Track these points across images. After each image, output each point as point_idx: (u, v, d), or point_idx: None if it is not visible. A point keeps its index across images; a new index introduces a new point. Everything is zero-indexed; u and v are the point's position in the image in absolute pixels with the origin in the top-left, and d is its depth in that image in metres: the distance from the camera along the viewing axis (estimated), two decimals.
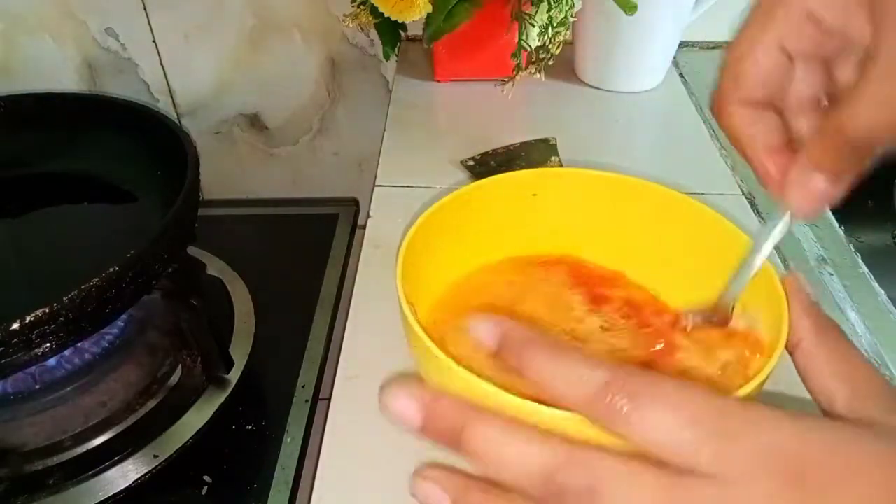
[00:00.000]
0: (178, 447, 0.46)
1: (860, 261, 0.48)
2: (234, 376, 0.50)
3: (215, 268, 0.61)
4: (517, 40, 0.57)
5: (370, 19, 0.60)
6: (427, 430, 0.21)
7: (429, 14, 0.55)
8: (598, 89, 0.68)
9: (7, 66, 0.80)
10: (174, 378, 0.50)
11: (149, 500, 0.44)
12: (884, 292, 0.45)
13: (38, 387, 0.46)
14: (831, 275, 0.47)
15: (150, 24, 0.77)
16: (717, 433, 0.17)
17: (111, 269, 0.38)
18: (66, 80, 0.81)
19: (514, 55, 0.58)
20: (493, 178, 0.39)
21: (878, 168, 0.25)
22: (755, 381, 0.26)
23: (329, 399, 0.38)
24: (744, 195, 0.53)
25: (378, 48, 0.76)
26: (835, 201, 0.25)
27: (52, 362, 0.47)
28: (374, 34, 0.75)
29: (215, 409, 0.48)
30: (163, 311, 0.51)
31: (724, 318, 0.32)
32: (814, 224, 0.51)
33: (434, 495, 0.21)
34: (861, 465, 0.18)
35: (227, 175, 0.89)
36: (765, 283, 0.30)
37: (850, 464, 0.18)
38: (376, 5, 0.56)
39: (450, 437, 0.20)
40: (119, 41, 0.79)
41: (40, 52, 0.79)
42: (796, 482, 0.17)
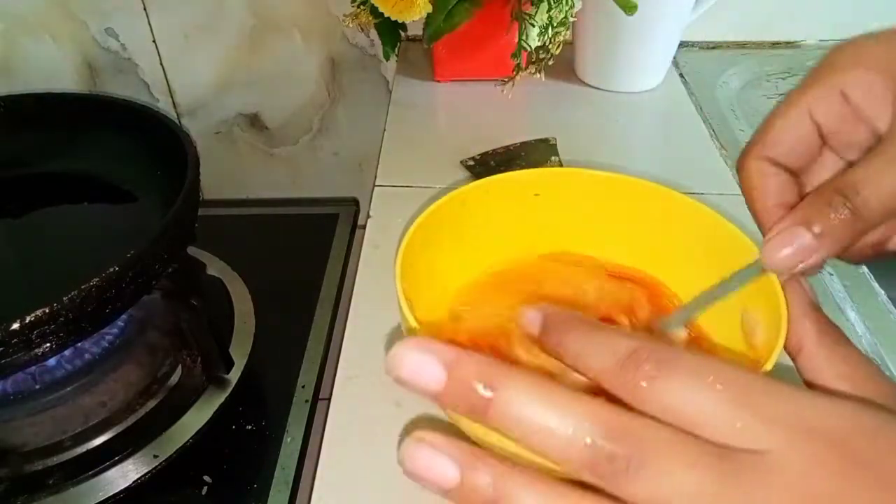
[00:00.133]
0: (178, 447, 0.46)
1: None
2: (234, 376, 0.50)
3: (215, 268, 0.61)
4: (517, 40, 0.57)
5: (370, 19, 0.60)
6: (447, 394, 0.17)
7: (429, 14, 0.55)
8: (598, 89, 0.68)
9: (7, 66, 0.80)
10: (174, 378, 0.50)
11: (149, 500, 0.44)
12: (884, 292, 0.45)
13: (38, 387, 0.46)
14: (831, 275, 0.47)
15: (150, 24, 0.77)
16: (750, 406, 0.17)
17: (111, 269, 0.38)
18: (66, 80, 0.81)
19: (514, 55, 0.58)
20: (494, 178, 0.39)
21: None
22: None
23: (329, 399, 0.38)
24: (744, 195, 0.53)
25: (378, 48, 0.77)
26: (810, 267, 0.25)
27: (52, 362, 0.47)
28: (374, 34, 0.75)
29: (215, 409, 0.48)
30: (163, 311, 0.51)
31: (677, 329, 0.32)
32: None
33: (437, 464, 0.17)
34: None
35: (227, 175, 0.89)
36: (765, 286, 0.30)
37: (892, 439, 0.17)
38: (376, 5, 0.57)
39: (475, 401, 0.17)
40: (119, 41, 0.79)
41: (40, 52, 0.79)
42: (839, 452, 0.17)
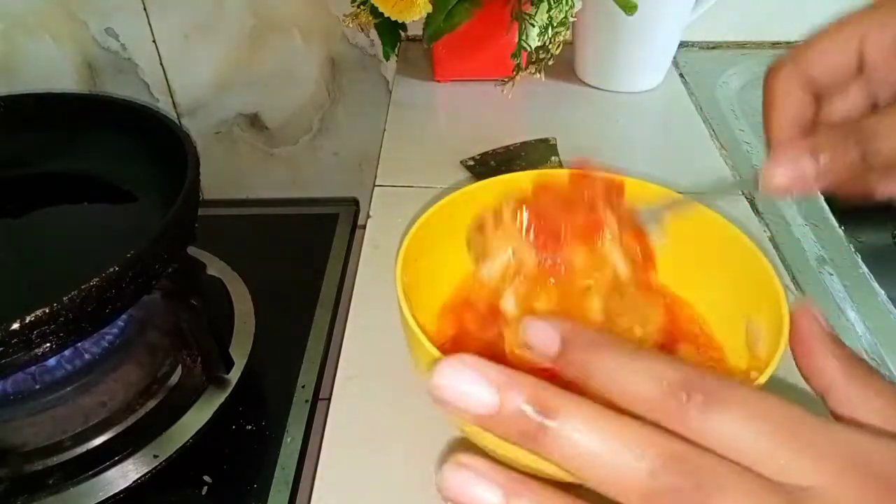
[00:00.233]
0: (178, 447, 0.46)
1: (860, 261, 0.48)
2: (234, 376, 0.50)
3: (215, 268, 0.61)
4: (517, 40, 0.57)
5: (370, 19, 0.60)
6: (497, 420, 0.17)
7: (429, 14, 0.55)
8: (598, 89, 0.68)
9: (7, 66, 0.80)
10: (174, 378, 0.50)
11: (149, 500, 0.44)
12: (884, 292, 0.45)
13: (38, 387, 0.46)
14: (831, 275, 0.46)
15: (150, 24, 0.77)
16: (799, 441, 0.17)
17: (111, 269, 0.38)
18: (66, 80, 0.81)
19: (514, 55, 0.58)
20: (496, 178, 0.39)
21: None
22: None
23: (329, 399, 0.38)
24: (744, 195, 0.53)
25: (378, 48, 0.77)
26: (799, 193, 0.25)
27: (52, 362, 0.47)
28: (374, 34, 0.75)
29: (215, 409, 0.48)
30: (163, 311, 0.51)
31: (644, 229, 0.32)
32: (814, 224, 0.51)
33: (480, 491, 0.17)
34: None
35: (227, 175, 0.89)
36: (770, 299, 0.30)
37: None
38: (376, 5, 0.57)
39: (528, 428, 0.17)
40: (119, 41, 0.79)
41: (40, 52, 0.79)
42: (885, 486, 0.16)
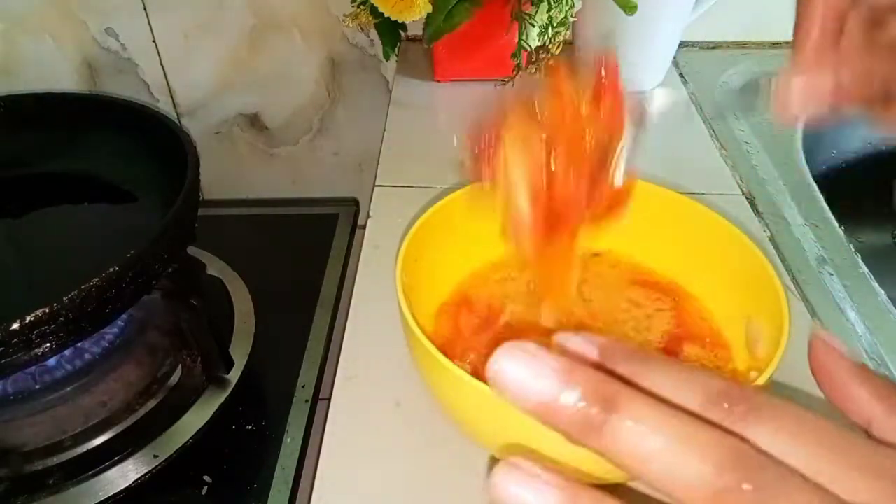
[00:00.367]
0: (178, 447, 0.46)
1: (860, 261, 0.48)
2: (234, 376, 0.50)
3: (215, 268, 0.61)
4: (517, 40, 0.57)
5: (370, 19, 0.60)
6: (556, 409, 0.18)
7: (429, 14, 0.55)
8: None
9: (7, 66, 0.80)
10: (174, 378, 0.50)
11: (149, 500, 0.44)
12: (884, 292, 0.45)
13: (38, 387, 0.46)
14: (831, 275, 0.46)
15: (150, 24, 0.77)
16: (847, 457, 0.16)
17: (111, 269, 0.38)
18: (66, 80, 0.81)
19: (514, 55, 0.58)
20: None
21: (878, 168, 0.25)
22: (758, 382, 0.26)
23: (329, 399, 0.38)
24: (744, 195, 0.53)
25: (378, 48, 0.76)
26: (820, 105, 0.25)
27: (52, 362, 0.47)
28: (374, 34, 0.75)
29: (215, 409, 0.48)
30: (163, 311, 0.51)
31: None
32: (814, 224, 0.51)
33: (533, 494, 0.17)
34: None
35: (227, 175, 0.89)
36: (770, 301, 0.30)
37: None
38: (376, 5, 0.57)
39: (589, 419, 0.17)
40: (119, 41, 0.79)
41: (40, 52, 0.79)
42: None
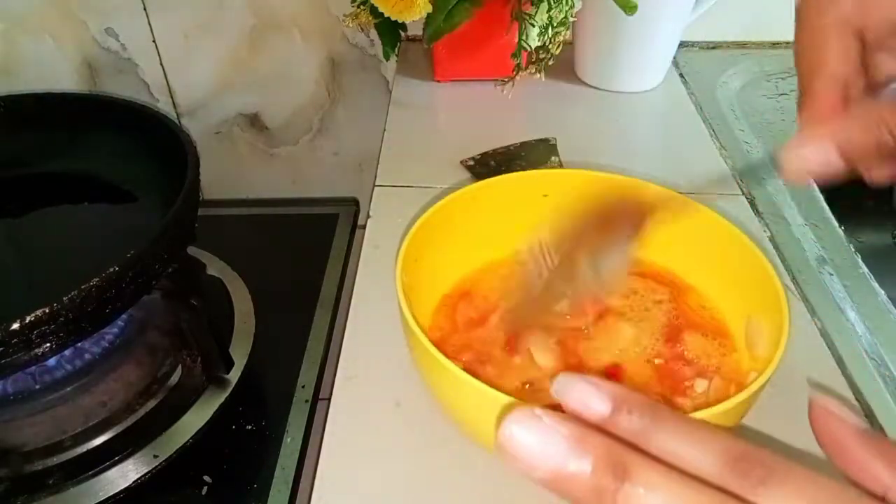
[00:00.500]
0: (178, 447, 0.46)
1: (860, 261, 0.48)
2: (234, 376, 0.50)
3: (215, 268, 0.61)
4: (517, 40, 0.57)
5: (370, 19, 0.60)
6: (567, 478, 0.17)
7: (429, 14, 0.55)
8: (598, 89, 0.68)
9: (7, 66, 0.80)
10: (174, 378, 0.50)
11: (149, 500, 0.44)
12: (884, 292, 0.45)
13: (38, 387, 0.46)
14: (831, 275, 0.46)
15: (150, 24, 0.77)
16: None
17: (111, 269, 0.38)
18: (66, 80, 0.81)
19: (514, 55, 0.58)
20: (494, 178, 0.39)
21: None
22: (750, 389, 0.26)
23: (329, 399, 0.38)
24: (744, 195, 0.53)
25: (378, 48, 0.76)
26: (829, 172, 0.26)
27: (52, 362, 0.47)
28: (374, 34, 0.75)
29: (215, 409, 0.48)
30: (163, 311, 0.51)
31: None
32: (814, 224, 0.51)
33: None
34: None
35: (227, 175, 0.89)
36: (771, 301, 0.30)
37: None
38: (376, 5, 0.57)
39: (601, 487, 0.17)
40: (119, 41, 0.79)
41: (40, 52, 0.79)
42: None
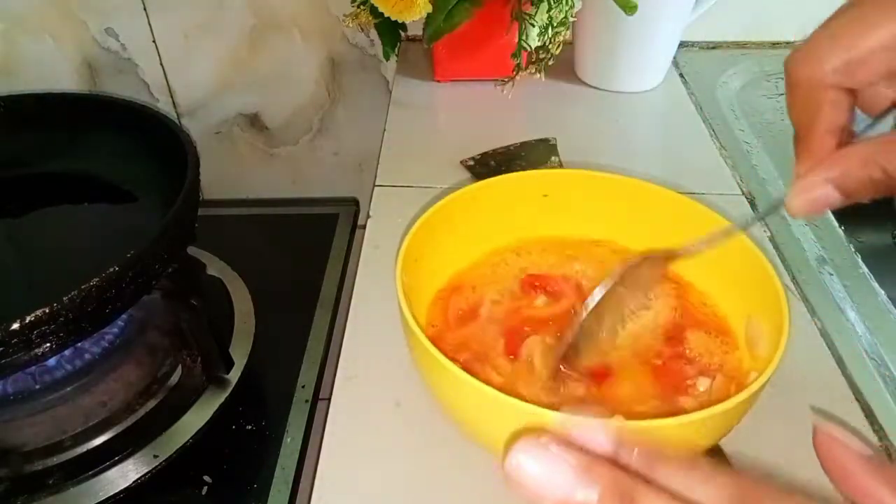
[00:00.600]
0: (178, 447, 0.46)
1: (860, 261, 0.48)
2: (234, 376, 0.50)
3: (215, 268, 0.61)
4: (517, 40, 0.57)
5: (370, 19, 0.60)
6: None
7: (429, 14, 0.55)
8: (598, 89, 0.68)
9: (7, 66, 0.80)
10: (174, 378, 0.50)
11: (149, 500, 0.44)
12: (884, 292, 0.45)
13: (38, 387, 0.46)
14: (831, 275, 0.46)
15: (150, 24, 0.77)
16: None
17: (111, 269, 0.38)
18: (66, 80, 0.81)
19: (514, 55, 0.58)
20: (494, 178, 0.39)
21: None
22: (750, 389, 0.26)
23: (329, 399, 0.38)
24: (744, 195, 0.53)
25: (378, 48, 0.76)
26: (831, 208, 0.26)
27: (52, 362, 0.47)
28: (374, 34, 0.75)
29: (215, 409, 0.48)
30: (163, 311, 0.51)
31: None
32: (814, 224, 0.51)
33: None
34: None
35: (227, 175, 0.89)
36: (771, 301, 0.30)
37: None
38: (376, 5, 0.57)
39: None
40: (119, 41, 0.79)
41: (40, 52, 0.79)
42: None
